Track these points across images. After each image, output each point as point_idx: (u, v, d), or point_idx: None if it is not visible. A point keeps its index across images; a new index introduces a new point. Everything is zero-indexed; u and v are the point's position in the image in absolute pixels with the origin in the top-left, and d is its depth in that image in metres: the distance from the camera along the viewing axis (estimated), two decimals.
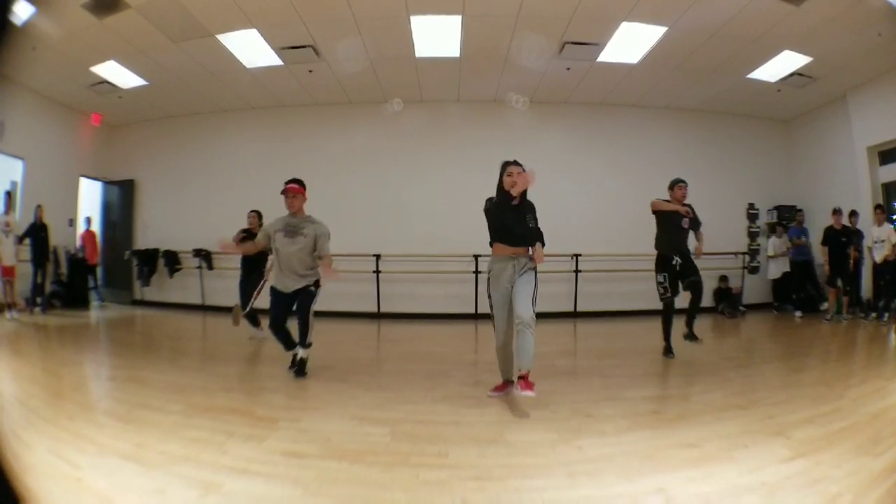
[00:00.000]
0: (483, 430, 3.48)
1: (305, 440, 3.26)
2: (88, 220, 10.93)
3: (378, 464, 2.90)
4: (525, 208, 4.21)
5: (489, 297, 4.30)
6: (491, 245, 4.34)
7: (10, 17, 1.37)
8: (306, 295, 5.15)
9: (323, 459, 2.95)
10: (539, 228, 4.25)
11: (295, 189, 5.20)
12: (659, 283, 5.91)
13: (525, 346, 3.95)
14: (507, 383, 4.32)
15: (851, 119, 9.73)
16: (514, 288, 4.16)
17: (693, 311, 6.04)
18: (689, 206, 5.97)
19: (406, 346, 7.46)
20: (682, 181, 6.08)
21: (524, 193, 4.19)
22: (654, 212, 6.00)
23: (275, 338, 5.29)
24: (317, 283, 5.23)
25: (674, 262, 5.87)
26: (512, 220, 4.17)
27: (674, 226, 5.92)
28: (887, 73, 8.62)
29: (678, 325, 5.98)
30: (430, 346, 7.14)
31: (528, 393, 3.84)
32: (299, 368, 5.04)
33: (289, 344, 5.24)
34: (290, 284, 5.10)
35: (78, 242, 10.83)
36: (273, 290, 5.23)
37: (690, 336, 6.03)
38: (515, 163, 4.28)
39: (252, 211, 7.24)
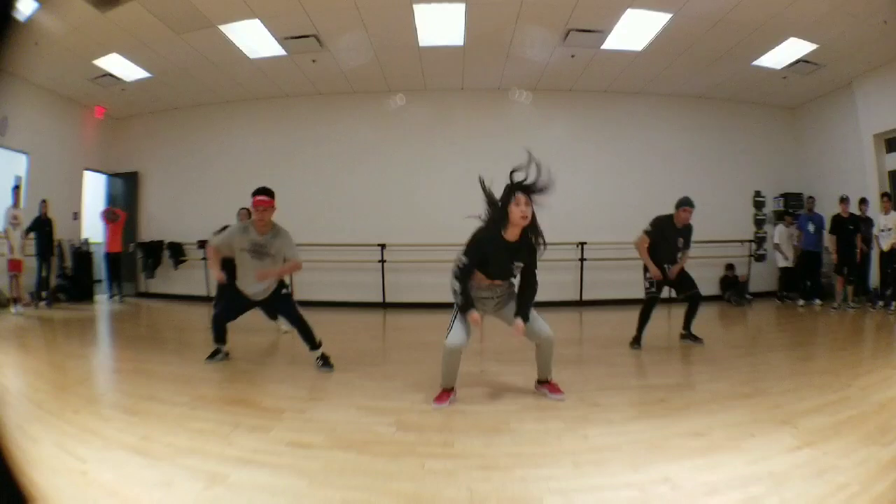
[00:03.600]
0: (489, 420, 3.48)
1: (311, 430, 3.26)
2: (113, 209, 10.81)
3: (384, 454, 2.91)
4: (522, 249, 3.70)
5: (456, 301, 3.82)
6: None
7: (13, 13, 1.36)
8: (286, 302, 5.13)
9: (329, 450, 2.96)
10: (536, 280, 3.78)
11: (265, 202, 4.82)
12: (647, 278, 5.90)
13: (547, 357, 4.00)
14: (449, 391, 3.91)
15: (858, 107, 9.66)
16: (504, 313, 3.97)
17: (691, 316, 6.07)
18: (689, 227, 5.91)
19: (411, 335, 7.47)
20: (689, 204, 5.84)
21: (527, 229, 3.67)
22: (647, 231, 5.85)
23: (212, 326, 5.24)
24: (283, 285, 5.18)
25: (665, 267, 5.85)
26: (504, 262, 3.73)
27: (670, 245, 5.85)
28: (893, 60, 8.55)
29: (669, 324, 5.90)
30: (436, 336, 7.08)
31: (561, 396, 3.93)
32: (324, 362, 4.97)
33: (221, 338, 5.24)
34: (259, 293, 5.06)
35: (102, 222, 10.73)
36: (235, 288, 5.11)
37: (691, 337, 6.07)
38: (528, 190, 3.57)
39: (243, 208, 6.91)
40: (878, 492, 2.35)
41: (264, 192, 4.86)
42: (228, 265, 5.42)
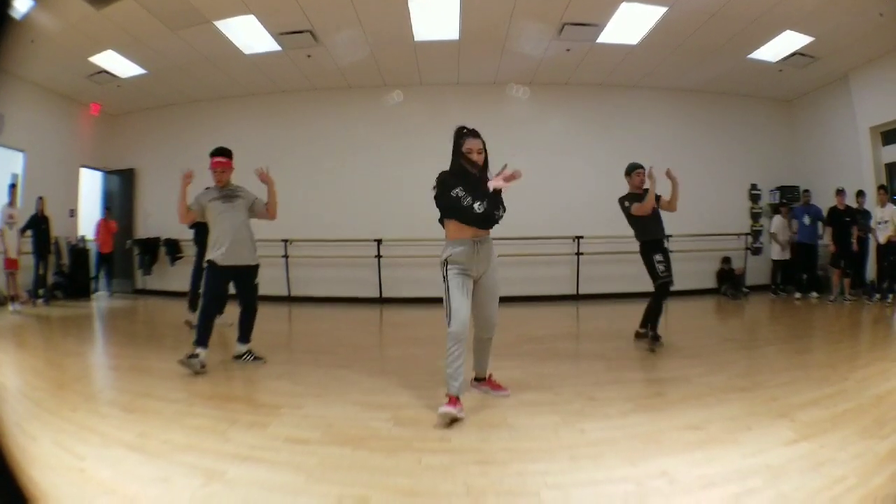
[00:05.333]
0: (485, 414, 3.49)
1: (308, 426, 3.26)
2: (106, 210, 11.10)
3: (381, 449, 2.90)
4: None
5: (446, 279, 3.56)
6: (442, 223, 3.83)
7: (10, 11, 1.36)
8: (255, 288, 5.09)
9: (325, 445, 2.96)
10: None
11: (223, 163, 5.00)
12: (658, 262, 5.41)
13: (488, 352, 3.96)
14: (457, 399, 3.41)
15: (853, 99, 9.65)
16: (483, 284, 3.66)
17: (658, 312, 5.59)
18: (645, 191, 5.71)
19: (408, 330, 7.48)
20: (640, 167, 5.84)
21: (484, 168, 3.74)
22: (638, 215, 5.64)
23: (199, 324, 4.75)
24: (255, 270, 5.09)
25: (665, 245, 5.55)
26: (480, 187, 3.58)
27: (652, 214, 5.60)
28: (889, 53, 8.54)
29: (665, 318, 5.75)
30: (432, 331, 7.07)
31: (507, 392, 3.90)
32: (254, 357, 5.07)
33: (205, 339, 4.74)
34: (235, 256, 4.84)
35: (93, 232, 10.89)
36: (212, 267, 4.83)
37: (655, 338, 5.57)
38: (476, 134, 3.82)
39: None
40: (875, 485, 2.35)
41: (221, 152, 5.03)
42: (202, 241, 5.44)
